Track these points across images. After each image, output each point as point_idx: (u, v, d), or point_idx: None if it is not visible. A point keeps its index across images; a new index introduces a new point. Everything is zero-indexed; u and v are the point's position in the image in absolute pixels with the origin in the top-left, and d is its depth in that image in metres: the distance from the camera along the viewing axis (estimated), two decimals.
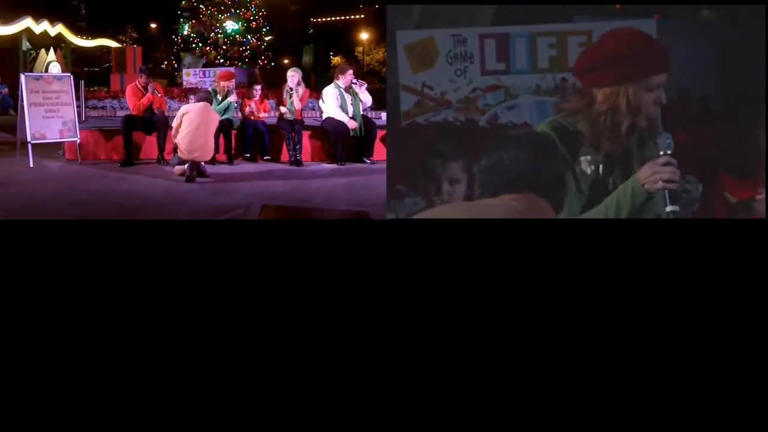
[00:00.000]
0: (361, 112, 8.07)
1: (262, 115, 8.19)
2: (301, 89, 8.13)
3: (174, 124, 6.75)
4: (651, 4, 3.47)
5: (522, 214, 2.35)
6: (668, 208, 2.66)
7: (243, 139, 8.01)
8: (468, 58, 3.44)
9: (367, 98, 8.06)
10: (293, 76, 8.14)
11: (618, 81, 2.82)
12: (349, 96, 7.93)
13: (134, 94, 7.62)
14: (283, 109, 8.05)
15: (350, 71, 8.13)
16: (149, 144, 7.85)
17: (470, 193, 3.18)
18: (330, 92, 7.96)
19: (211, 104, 7.12)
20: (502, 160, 2.44)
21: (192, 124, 6.53)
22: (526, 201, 2.36)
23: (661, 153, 2.70)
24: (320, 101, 8.27)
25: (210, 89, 8.06)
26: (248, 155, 7.99)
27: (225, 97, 7.87)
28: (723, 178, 3.21)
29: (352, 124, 7.83)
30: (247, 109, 8.09)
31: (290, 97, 8.03)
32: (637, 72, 2.81)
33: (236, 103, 8.04)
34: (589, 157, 2.93)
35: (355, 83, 8.01)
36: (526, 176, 2.40)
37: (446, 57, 3.47)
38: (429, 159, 3.34)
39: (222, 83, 8.03)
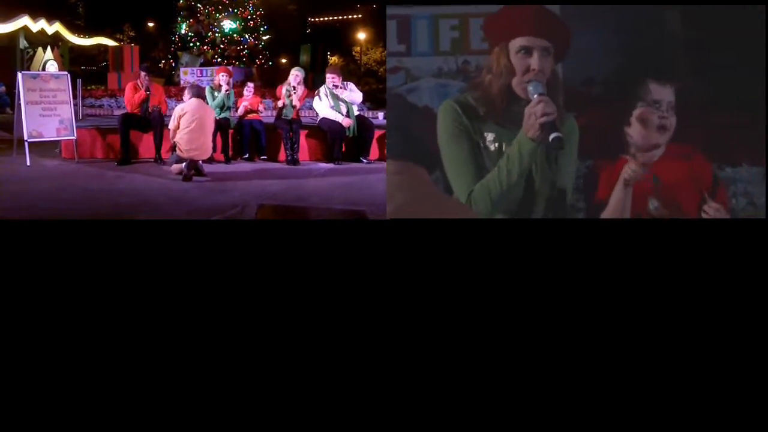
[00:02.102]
0: (356, 112, 8.08)
1: (259, 108, 8.20)
2: (301, 89, 8.16)
3: (171, 125, 6.74)
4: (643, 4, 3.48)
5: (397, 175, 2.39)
6: (552, 136, 2.82)
7: (240, 138, 8.02)
8: None
9: (353, 98, 8.06)
10: (297, 75, 8.18)
11: (504, 38, 3.01)
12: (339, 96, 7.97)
13: (131, 91, 7.64)
14: (280, 103, 8.07)
15: (329, 75, 8.15)
16: (146, 143, 7.84)
17: None
18: (321, 94, 8.05)
19: (205, 100, 7.11)
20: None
21: (189, 123, 6.54)
22: (402, 166, 2.43)
23: (534, 98, 2.89)
24: (314, 102, 8.31)
25: (207, 87, 8.06)
26: (246, 156, 8.01)
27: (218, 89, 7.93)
28: (622, 162, 3.26)
29: (346, 122, 7.86)
30: (240, 108, 8.08)
31: (289, 96, 8.05)
32: (521, 33, 2.98)
33: (229, 95, 8.00)
34: (493, 134, 3.05)
35: (338, 86, 8.00)
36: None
37: None
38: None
39: (216, 78, 8.23)
